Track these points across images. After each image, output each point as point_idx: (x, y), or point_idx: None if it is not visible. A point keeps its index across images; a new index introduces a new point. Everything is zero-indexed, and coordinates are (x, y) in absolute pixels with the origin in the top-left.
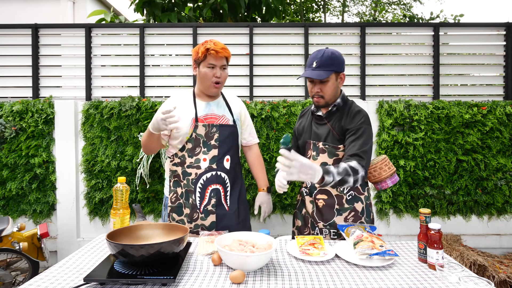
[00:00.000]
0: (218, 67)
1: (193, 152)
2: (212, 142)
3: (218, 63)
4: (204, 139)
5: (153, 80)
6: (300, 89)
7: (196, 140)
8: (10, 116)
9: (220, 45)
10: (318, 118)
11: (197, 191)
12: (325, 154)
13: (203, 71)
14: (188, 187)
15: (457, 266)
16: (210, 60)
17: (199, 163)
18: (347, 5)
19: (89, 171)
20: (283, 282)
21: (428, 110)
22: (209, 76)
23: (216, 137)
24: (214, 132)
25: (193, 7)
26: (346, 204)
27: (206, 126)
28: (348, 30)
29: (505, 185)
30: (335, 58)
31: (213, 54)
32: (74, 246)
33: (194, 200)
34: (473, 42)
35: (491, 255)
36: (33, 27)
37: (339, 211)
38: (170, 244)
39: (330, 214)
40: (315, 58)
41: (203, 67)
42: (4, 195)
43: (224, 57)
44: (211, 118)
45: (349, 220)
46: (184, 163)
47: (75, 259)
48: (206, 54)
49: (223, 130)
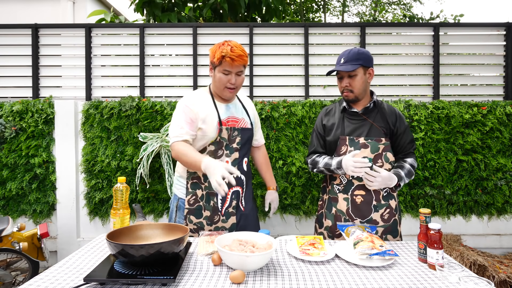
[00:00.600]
0: (234, 73)
1: (216, 154)
2: (234, 145)
3: (233, 70)
4: (227, 142)
5: (153, 80)
6: (300, 89)
7: (219, 143)
8: (10, 116)
9: (237, 52)
10: (353, 114)
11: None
12: (367, 149)
13: (218, 76)
14: (210, 189)
15: (457, 266)
16: (225, 67)
17: None
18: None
19: (89, 171)
20: (283, 282)
21: (428, 110)
22: (224, 81)
23: (238, 141)
24: (236, 136)
25: (193, 7)
26: (382, 200)
27: (229, 130)
28: (348, 30)
29: (505, 185)
30: (362, 53)
31: (228, 62)
32: (74, 246)
33: (215, 203)
34: (473, 42)
35: (491, 255)
36: (33, 27)
37: (376, 207)
38: (170, 244)
39: (368, 211)
40: (342, 55)
41: (218, 71)
42: (4, 195)
43: (240, 64)
44: (232, 121)
45: (385, 217)
46: None
47: (75, 259)
48: (222, 60)
49: (244, 134)
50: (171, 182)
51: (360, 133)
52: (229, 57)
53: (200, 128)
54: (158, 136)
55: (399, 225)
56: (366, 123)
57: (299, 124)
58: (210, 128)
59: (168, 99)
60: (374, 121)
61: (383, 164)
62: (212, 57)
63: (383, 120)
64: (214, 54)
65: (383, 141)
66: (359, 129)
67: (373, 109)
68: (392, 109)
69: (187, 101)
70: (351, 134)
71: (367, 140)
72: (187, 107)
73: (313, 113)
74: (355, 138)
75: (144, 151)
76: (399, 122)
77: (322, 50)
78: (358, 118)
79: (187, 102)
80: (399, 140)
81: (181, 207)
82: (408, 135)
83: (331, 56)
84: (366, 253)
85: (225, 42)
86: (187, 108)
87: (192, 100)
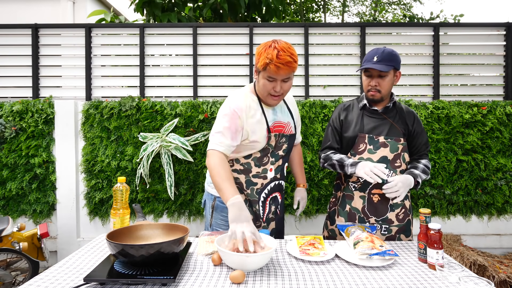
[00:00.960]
0: (279, 80)
1: (261, 161)
2: (280, 152)
3: (279, 78)
4: (273, 149)
5: (153, 80)
6: (300, 89)
7: (265, 150)
8: (10, 116)
9: (284, 58)
10: (373, 112)
11: (260, 201)
12: (387, 149)
13: (262, 82)
14: (252, 196)
15: (457, 266)
16: (270, 73)
17: (266, 173)
18: (347, 5)
19: (89, 171)
20: (283, 282)
21: (428, 110)
22: (268, 89)
23: (284, 148)
24: (283, 143)
25: (193, 7)
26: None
27: (277, 136)
28: (348, 30)
29: (505, 185)
30: (395, 55)
31: (273, 69)
32: (74, 246)
33: (257, 210)
34: (473, 42)
35: (491, 255)
36: (33, 27)
37: (392, 207)
38: (170, 244)
39: (384, 210)
40: (376, 54)
41: (262, 77)
42: (4, 195)
43: (288, 72)
44: (278, 127)
45: (400, 217)
46: (250, 171)
47: (75, 259)
48: (266, 67)
49: (291, 141)
50: (171, 182)
51: (380, 131)
52: (274, 65)
53: (247, 139)
54: (158, 136)
55: (412, 225)
56: (386, 122)
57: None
58: (260, 138)
59: (168, 99)
60: (394, 121)
61: (401, 164)
62: (257, 61)
63: (402, 121)
64: (258, 58)
65: (401, 141)
66: (379, 127)
67: (393, 109)
68: (410, 110)
69: (236, 105)
70: (370, 132)
71: (386, 139)
72: (235, 113)
73: (313, 113)
74: (374, 137)
75: (144, 151)
76: (416, 124)
77: (322, 50)
78: (378, 117)
79: (236, 106)
80: (415, 141)
81: (219, 206)
82: (424, 136)
83: (331, 56)
84: (366, 253)
85: (272, 43)
86: (235, 114)
87: (241, 104)
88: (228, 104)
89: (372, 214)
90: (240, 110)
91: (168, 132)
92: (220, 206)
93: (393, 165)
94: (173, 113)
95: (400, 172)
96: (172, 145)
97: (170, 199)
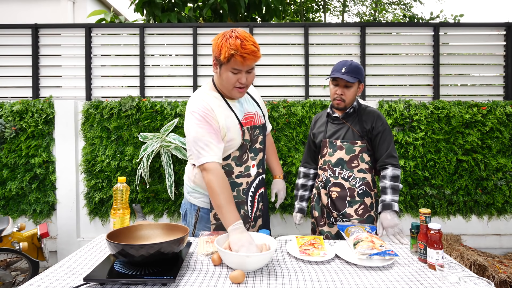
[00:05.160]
0: (244, 71)
1: (241, 160)
2: (257, 145)
3: (244, 68)
4: (250, 144)
5: (153, 80)
6: (300, 89)
7: (243, 146)
8: (10, 116)
9: (249, 47)
10: (335, 119)
11: (249, 200)
12: (342, 151)
13: (225, 75)
14: (239, 198)
15: (457, 266)
16: (235, 65)
17: (249, 171)
18: (347, 5)
19: (89, 171)
20: (283, 282)
21: (428, 110)
22: (232, 81)
23: (260, 140)
24: (257, 135)
25: (193, 7)
26: (357, 197)
27: (249, 129)
28: (348, 30)
29: (505, 185)
30: (360, 69)
31: (239, 60)
32: (74, 246)
33: (246, 211)
34: (473, 42)
35: (491, 255)
36: (33, 27)
37: (350, 203)
38: (170, 244)
39: (342, 205)
40: (344, 65)
41: (226, 70)
42: (4, 195)
43: (253, 62)
44: (249, 119)
45: (359, 212)
46: (232, 173)
47: (75, 259)
48: (230, 58)
49: (264, 130)
50: (171, 182)
51: (338, 136)
52: (240, 55)
53: (225, 138)
54: (158, 136)
55: (375, 221)
56: (344, 126)
57: (299, 124)
58: (235, 134)
59: (168, 99)
60: (352, 124)
61: (359, 164)
62: (218, 53)
63: (360, 124)
64: (219, 50)
65: (358, 144)
66: (338, 132)
67: (352, 114)
68: (372, 110)
69: (203, 107)
70: (331, 137)
71: (343, 142)
72: (206, 115)
73: (313, 113)
74: (334, 141)
75: (144, 151)
76: (377, 122)
77: (322, 50)
78: (339, 122)
79: (203, 108)
80: (376, 141)
81: (203, 217)
82: (386, 137)
83: (331, 56)
84: (366, 253)
85: (232, 32)
86: (207, 116)
87: (206, 105)
88: (193, 109)
89: (334, 209)
90: (209, 110)
91: (168, 132)
92: (204, 217)
93: (350, 166)
94: (173, 113)
95: (357, 171)
96: (172, 145)
97: (170, 199)
